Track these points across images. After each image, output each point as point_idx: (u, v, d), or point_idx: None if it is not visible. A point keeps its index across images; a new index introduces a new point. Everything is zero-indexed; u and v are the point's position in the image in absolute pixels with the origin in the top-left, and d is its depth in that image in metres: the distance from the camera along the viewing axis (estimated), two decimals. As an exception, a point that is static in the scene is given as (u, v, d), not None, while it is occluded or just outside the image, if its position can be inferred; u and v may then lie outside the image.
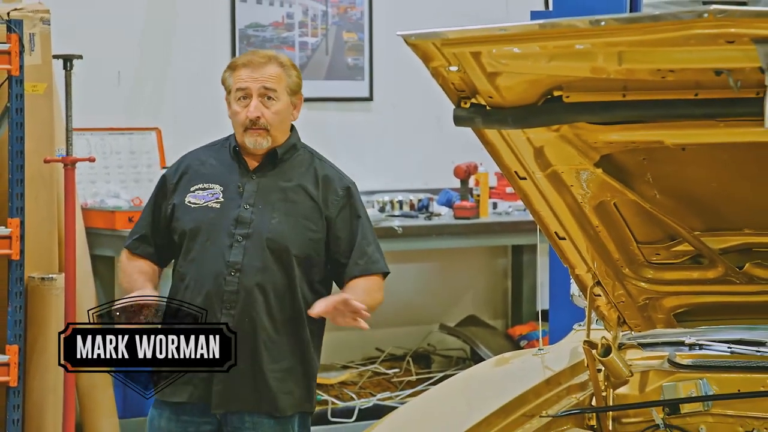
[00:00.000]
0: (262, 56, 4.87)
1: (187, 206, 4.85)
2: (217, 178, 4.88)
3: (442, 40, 3.57)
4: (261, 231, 4.78)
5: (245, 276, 4.75)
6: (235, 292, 4.75)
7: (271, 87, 4.79)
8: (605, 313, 4.44)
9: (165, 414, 4.84)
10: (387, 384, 8.60)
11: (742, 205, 4.10)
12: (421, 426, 4.03)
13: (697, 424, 4.28)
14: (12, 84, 6.98)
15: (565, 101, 3.71)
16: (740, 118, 3.59)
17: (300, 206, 4.84)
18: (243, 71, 4.82)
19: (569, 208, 4.08)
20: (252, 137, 4.80)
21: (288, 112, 4.87)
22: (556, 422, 4.14)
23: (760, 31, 3.28)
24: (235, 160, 4.89)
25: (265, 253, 4.77)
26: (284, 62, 4.87)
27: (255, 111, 4.77)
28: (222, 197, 4.84)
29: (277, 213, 4.81)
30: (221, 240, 4.78)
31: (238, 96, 4.81)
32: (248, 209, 4.80)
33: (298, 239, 4.80)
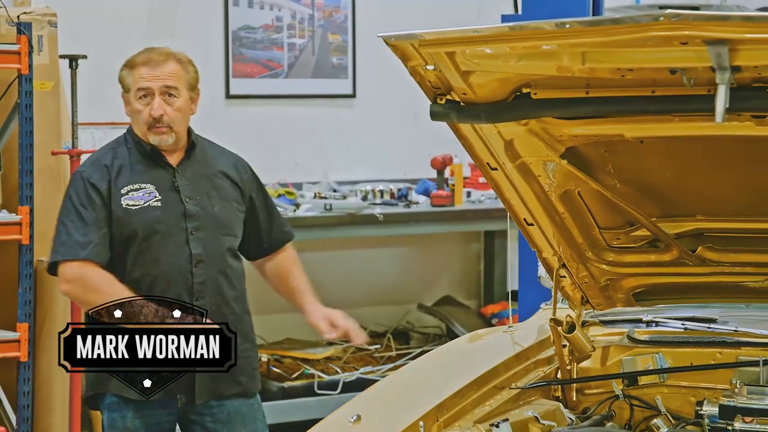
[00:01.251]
0: (160, 54, 4.64)
1: (128, 209, 4.59)
2: (142, 176, 4.63)
3: (419, 41, 3.58)
4: (209, 221, 4.64)
5: (209, 266, 4.62)
6: (202, 283, 4.61)
7: (172, 84, 4.60)
8: (570, 293, 4.44)
9: (128, 414, 4.60)
10: (369, 359, 8.60)
11: (695, 194, 4.12)
12: (401, 397, 4.03)
13: (653, 395, 4.29)
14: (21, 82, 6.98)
15: (533, 98, 3.72)
16: (693, 113, 3.60)
17: (228, 190, 4.73)
18: (143, 69, 4.59)
19: (537, 197, 4.09)
20: (156, 135, 4.60)
21: (188, 108, 4.69)
22: (525, 393, 4.15)
23: (711, 33, 3.30)
24: (151, 157, 4.65)
25: (220, 241, 4.66)
26: (182, 59, 4.67)
27: (158, 109, 4.57)
28: (158, 195, 4.61)
29: (214, 201, 4.68)
30: (176, 236, 4.60)
31: (140, 95, 4.59)
32: (190, 202, 4.63)
33: (237, 222, 4.73)
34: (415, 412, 3.71)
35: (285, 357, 8.34)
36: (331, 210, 8.15)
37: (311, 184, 8.58)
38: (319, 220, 8.09)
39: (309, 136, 8.89)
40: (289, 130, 8.81)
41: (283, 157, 8.73)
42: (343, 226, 8.22)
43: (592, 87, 3.65)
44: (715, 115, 3.41)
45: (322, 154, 8.90)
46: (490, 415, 3.91)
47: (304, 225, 8.04)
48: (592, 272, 4.36)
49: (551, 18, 3.55)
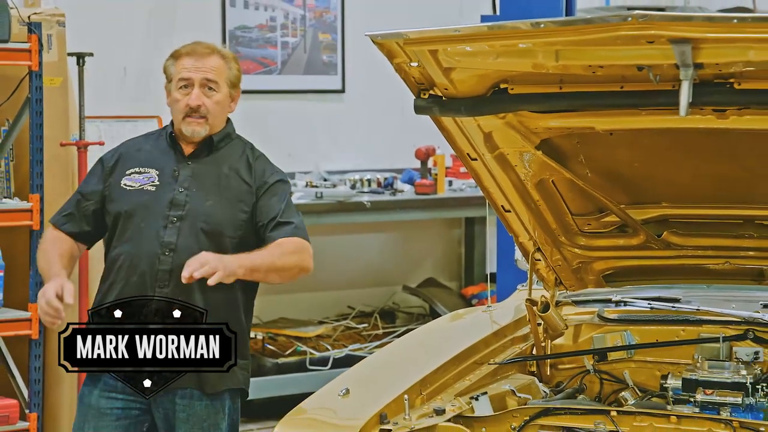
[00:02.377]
0: (205, 47, 4.42)
1: (123, 188, 4.38)
2: (152, 162, 4.41)
3: (404, 40, 3.58)
4: (195, 213, 4.31)
5: (179, 256, 4.24)
6: (168, 271, 4.25)
7: (213, 78, 4.36)
8: (544, 275, 4.45)
9: (95, 391, 4.33)
10: (357, 337, 8.60)
11: (661, 182, 4.12)
12: (387, 372, 4.03)
13: (621, 369, 4.30)
14: (32, 78, 6.97)
15: (510, 93, 3.72)
16: (659, 107, 3.61)
17: (233, 189, 4.38)
18: (186, 60, 4.38)
19: (514, 185, 4.09)
20: (190, 125, 4.36)
21: (226, 104, 4.45)
22: (502, 369, 4.16)
23: (675, 32, 3.31)
24: (171, 146, 4.42)
25: (199, 235, 4.29)
26: (226, 55, 4.46)
27: (196, 99, 4.33)
28: (157, 181, 4.36)
29: (211, 196, 4.34)
30: (156, 221, 4.31)
31: (180, 84, 4.36)
32: (182, 192, 4.33)
33: (232, 221, 4.33)
34: (400, 386, 3.71)
35: (279, 335, 8.33)
36: (322, 198, 8.14)
37: (303, 173, 8.58)
38: (311, 208, 8.08)
39: (301, 129, 8.88)
40: (283, 123, 8.80)
41: (277, 148, 8.68)
42: (333, 213, 8.21)
43: (565, 83, 3.65)
44: (679, 109, 3.42)
45: (314, 146, 8.89)
46: (470, 389, 3.92)
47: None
48: (565, 255, 4.37)
49: (527, 18, 3.56)
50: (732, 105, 3.58)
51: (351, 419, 3.51)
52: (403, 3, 8.99)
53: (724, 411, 3.84)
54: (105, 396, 4.31)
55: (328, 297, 8.88)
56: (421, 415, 3.64)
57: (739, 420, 3.61)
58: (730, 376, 3.94)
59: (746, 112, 3.61)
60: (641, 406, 4.03)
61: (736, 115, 3.62)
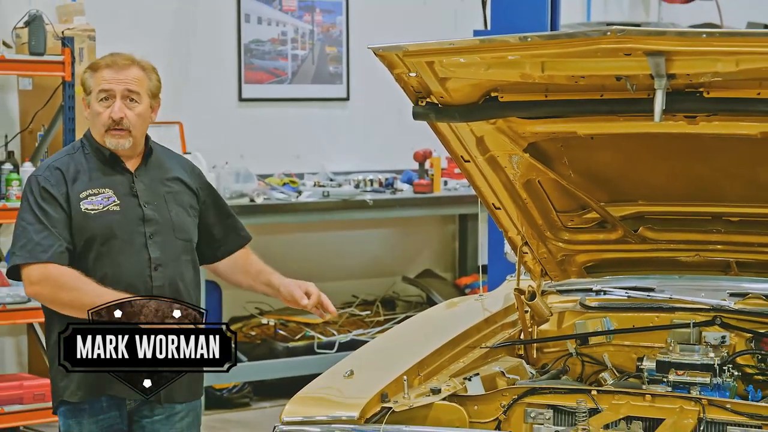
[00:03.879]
0: (125, 59, 3.98)
1: (86, 213, 3.91)
2: (100, 182, 3.96)
3: (403, 52, 3.58)
4: (167, 226, 3.99)
5: (167, 269, 3.97)
6: (161, 287, 3.94)
7: (134, 89, 3.94)
8: (531, 267, 4.45)
9: (84, 420, 3.95)
10: (361, 323, 8.60)
11: (637, 182, 4.12)
12: (388, 355, 4.02)
13: (601, 353, 4.29)
14: (65, 87, 7.01)
15: (500, 100, 3.72)
16: (636, 114, 3.61)
17: (183, 195, 4.07)
18: (106, 72, 3.93)
19: (503, 185, 4.09)
20: (114, 138, 3.93)
21: (147, 115, 4.00)
22: (493, 352, 4.15)
23: (650, 46, 3.31)
24: (110, 162, 3.98)
25: (177, 245, 4.01)
26: (146, 66, 4.02)
27: (119, 112, 3.90)
28: (117, 200, 3.94)
29: (170, 206, 4.02)
30: (135, 239, 3.94)
31: (101, 97, 3.93)
32: (148, 207, 3.98)
33: (192, 226, 4.08)
34: (400, 368, 3.71)
35: (289, 321, 8.34)
36: (328, 196, 8.14)
37: (311, 174, 8.57)
38: (318, 205, 8.09)
39: (309, 133, 8.88)
40: (292, 128, 8.80)
41: (287, 151, 8.73)
42: (339, 210, 8.21)
43: (550, 91, 3.66)
44: (654, 115, 3.43)
45: (321, 149, 8.89)
46: (463, 371, 3.92)
47: (305, 209, 8.05)
48: (550, 249, 4.37)
49: (515, 32, 3.56)
50: (702, 112, 3.58)
51: (355, 398, 3.50)
52: (402, 18, 8.99)
53: (694, 390, 3.84)
54: (93, 422, 3.95)
55: (334, 287, 8.83)
56: (419, 394, 3.64)
57: (707, 398, 3.61)
58: (700, 359, 3.94)
59: (714, 119, 3.62)
60: (619, 385, 4.03)
61: (706, 121, 3.62)
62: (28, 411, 6.96)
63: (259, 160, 8.39)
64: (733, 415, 3.50)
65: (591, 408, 3.59)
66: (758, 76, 3.41)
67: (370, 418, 3.47)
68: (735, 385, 3.95)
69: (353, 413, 3.41)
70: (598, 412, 3.59)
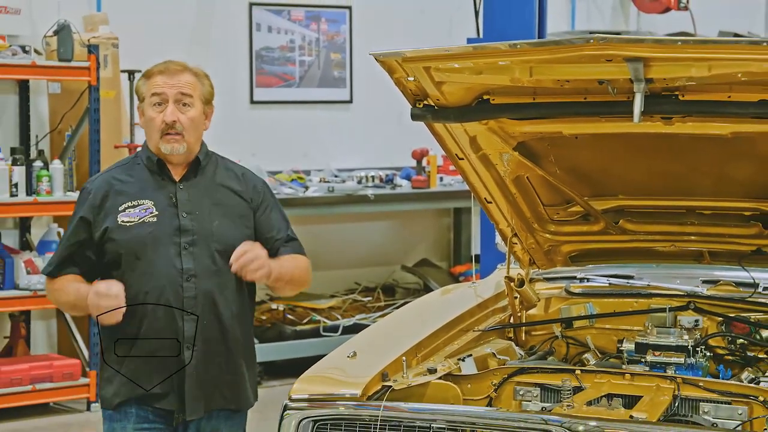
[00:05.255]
0: (177, 65, 3.73)
1: (122, 226, 3.65)
2: (143, 193, 3.69)
3: (402, 58, 3.57)
4: (205, 236, 3.66)
5: (201, 281, 3.64)
6: (193, 298, 3.63)
7: (187, 93, 3.68)
8: (520, 256, 4.44)
9: (128, 426, 3.70)
10: (363, 308, 8.60)
11: (618, 178, 4.12)
12: (388, 338, 4.02)
13: (584, 335, 4.29)
14: (91, 91, 7.01)
15: (491, 103, 3.71)
16: (616, 115, 3.61)
17: (233, 206, 3.75)
18: (158, 78, 3.68)
19: (494, 181, 4.09)
20: (169, 143, 3.66)
21: (201, 120, 3.74)
22: (485, 335, 4.15)
23: (630, 53, 3.31)
24: (158, 172, 3.71)
25: (214, 257, 3.66)
26: (198, 72, 3.76)
27: (171, 115, 3.64)
28: (155, 210, 3.67)
29: (215, 216, 3.70)
30: (167, 250, 3.63)
31: (154, 102, 3.67)
32: (186, 217, 3.67)
33: (240, 237, 3.69)
34: (399, 350, 3.71)
35: (297, 306, 8.34)
36: (333, 191, 8.14)
37: (317, 171, 8.57)
38: (324, 200, 8.09)
39: (315, 133, 8.88)
40: (300, 128, 8.79)
41: (295, 150, 8.72)
42: (343, 204, 8.21)
43: (538, 94, 3.65)
44: (633, 116, 3.43)
45: (326, 148, 8.88)
46: (457, 352, 3.92)
47: (312, 204, 8.05)
48: (537, 240, 4.36)
49: (506, 40, 3.55)
50: (677, 113, 3.58)
51: (357, 377, 3.50)
52: (401, 27, 8.98)
53: (670, 369, 3.84)
54: (138, 428, 3.70)
55: (338, 275, 8.89)
56: (417, 373, 3.64)
57: (681, 377, 3.61)
58: (675, 341, 3.94)
59: (689, 119, 3.62)
60: (601, 365, 4.03)
61: (681, 122, 3.62)
62: (58, 389, 6.98)
63: (270, 157, 8.39)
64: (705, 393, 3.50)
65: (575, 386, 3.59)
66: (729, 80, 3.41)
67: (371, 395, 3.46)
68: (707, 364, 3.95)
69: (356, 391, 3.41)
70: (582, 389, 3.59)
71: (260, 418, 4.52)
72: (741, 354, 4.07)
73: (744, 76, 3.36)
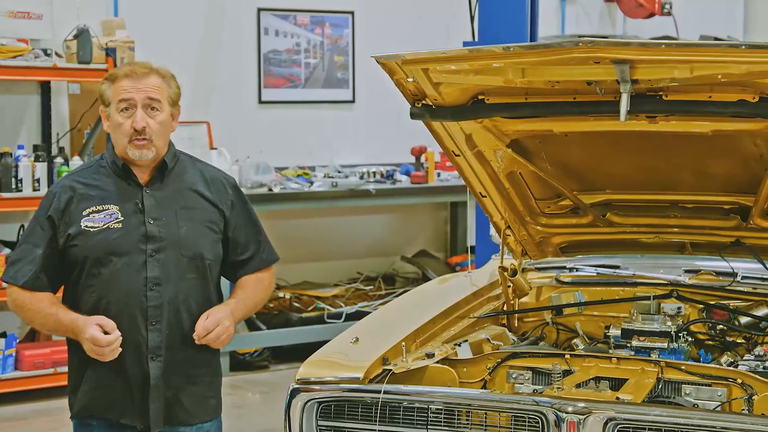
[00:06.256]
0: (143, 67, 3.42)
1: (86, 231, 3.35)
2: (108, 198, 3.40)
3: (402, 60, 3.57)
4: (173, 243, 3.38)
5: (166, 289, 3.36)
6: (158, 306, 3.35)
7: (155, 97, 3.38)
8: (513, 247, 4.44)
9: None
10: (365, 296, 8.60)
11: (605, 173, 4.11)
12: (388, 325, 4.02)
13: (573, 322, 4.29)
14: (107, 91, 6.94)
15: (486, 102, 3.71)
16: (604, 114, 3.60)
17: (200, 211, 3.45)
18: (125, 82, 3.37)
19: (489, 176, 4.09)
20: (138, 149, 3.37)
21: (169, 123, 3.44)
22: (480, 321, 4.15)
23: (617, 55, 3.30)
24: (123, 176, 3.41)
25: (181, 264, 3.38)
26: (164, 74, 3.45)
27: (141, 121, 3.34)
28: (121, 216, 3.37)
29: (182, 221, 3.41)
30: (134, 258, 3.34)
31: (121, 107, 3.37)
32: (153, 223, 3.38)
33: (208, 243, 3.43)
34: (399, 336, 3.71)
35: (303, 295, 8.34)
36: (336, 186, 8.13)
37: (322, 167, 8.57)
38: (328, 194, 8.08)
39: (320, 132, 8.87)
40: (306, 126, 8.79)
41: (301, 147, 8.71)
42: (346, 198, 8.20)
43: (530, 95, 3.65)
44: (619, 115, 3.42)
45: (330, 145, 8.88)
46: (454, 337, 3.92)
47: (317, 198, 8.04)
48: (529, 232, 4.36)
49: (500, 43, 3.55)
50: (661, 112, 3.58)
51: (360, 361, 3.50)
52: (401, 31, 8.97)
53: (654, 354, 3.84)
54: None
55: (341, 265, 8.88)
56: (416, 357, 3.64)
57: (665, 360, 3.61)
58: (659, 327, 3.94)
59: (672, 118, 3.61)
60: (589, 350, 4.03)
61: (664, 121, 3.62)
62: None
63: (277, 154, 8.39)
64: (687, 375, 3.50)
65: (565, 370, 3.60)
66: (709, 81, 3.41)
67: (372, 378, 3.47)
68: (689, 349, 3.95)
69: (358, 374, 3.41)
70: (571, 373, 3.59)
71: (268, 399, 4.51)
72: (720, 339, 4.07)
73: (724, 77, 3.36)
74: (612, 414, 3.21)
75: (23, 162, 6.78)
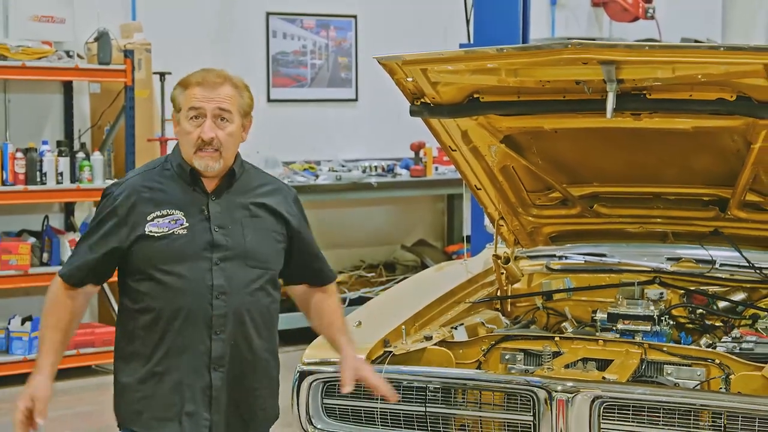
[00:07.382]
0: (216, 76, 3.10)
1: (150, 236, 3.01)
2: (173, 203, 3.06)
3: (402, 61, 3.57)
4: (239, 252, 3.06)
5: (232, 298, 3.03)
6: (223, 316, 3.02)
7: (226, 108, 3.06)
8: (506, 237, 4.44)
9: None
10: (367, 283, 8.59)
11: (593, 167, 4.12)
12: (389, 309, 4.03)
13: (563, 306, 4.29)
14: (127, 91, 6.99)
15: (481, 101, 3.71)
16: (591, 111, 3.60)
17: (266, 220, 3.13)
18: (197, 90, 3.06)
19: (483, 170, 4.09)
20: (203, 160, 3.04)
21: (239, 134, 3.12)
22: (475, 307, 4.16)
23: (603, 56, 3.30)
24: (190, 182, 3.08)
25: (247, 274, 3.07)
26: (238, 84, 3.13)
27: (209, 132, 3.02)
28: (186, 222, 3.04)
29: (247, 230, 3.09)
30: (198, 266, 3.02)
31: (191, 115, 3.05)
32: (219, 231, 3.05)
33: (273, 252, 3.14)
34: (399, 320, 3.72)
35: (309, 282, 8.32)
36: (340, 179, 8.12)
37: (326, 161, 8.56)
38: (333, 187, 8.07)
39: (325, 128, 8.86)
40: (311, 123, 8.78)
41: (307, 143, 8.70)
42: (349, 191, 8.19)
43: (522, 93, 3.65)
44: (606, 113, 3.42)
45: (334, 141, 8.87)
46: (450, 321, 3.92)
47: (322, 190, 8.03)
48: (521, 222, 4.36)
49: (494, 45, 3.55)
50: (645, 110, 3.58)
51: (362, 343, 3.51)
52: (401, 34, 8.95)
53: (638, 336, 3.85)
54: None
55: (345, 253, 8.88)
56: (415, 340, 3.65)
57: (648, 342, 3.62)
58: (642, 311, 3.95)
59: (655, 116, 3.61)
60: (577, 333, 4.03)
61: (648, 118, 3.62)
62: (99, 353, 6.99)
63: (284, 149, 8.38)
64: (669, 356, 3.51)
65: (554, 351, 3.60)
66: (690, 81, 3.41)
67: (374, 359, 3.48)
68: (671, 332, 3.95)
69: (361, 356, 3.40)
70: (560, 354, 3.60)
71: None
72: (700, 322, 4.07)
73: (704, 77, 3.36)
74: (598, 392, 3.22)
75: (47, 157, 6.79)
